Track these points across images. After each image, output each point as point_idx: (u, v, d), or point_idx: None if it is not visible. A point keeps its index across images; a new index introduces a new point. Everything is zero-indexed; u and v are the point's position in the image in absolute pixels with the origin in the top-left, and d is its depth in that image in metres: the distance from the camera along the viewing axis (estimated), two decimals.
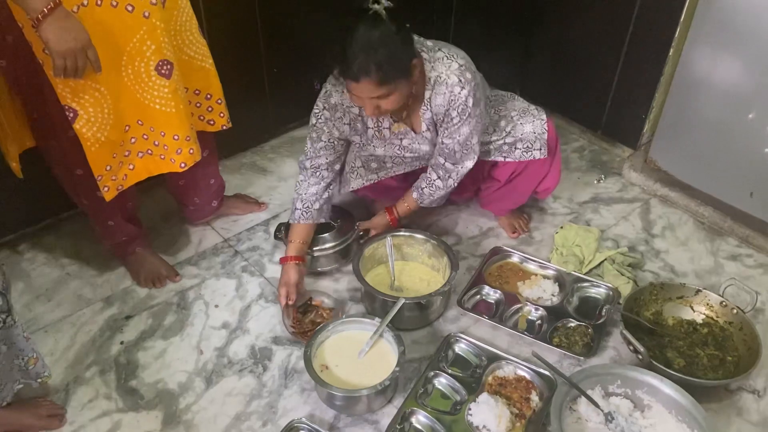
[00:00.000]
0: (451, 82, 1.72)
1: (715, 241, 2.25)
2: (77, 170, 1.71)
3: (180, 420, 1.64)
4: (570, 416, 1.55)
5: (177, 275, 2.03)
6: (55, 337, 1.84)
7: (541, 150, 1.97)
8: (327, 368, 1.69)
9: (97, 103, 1.53)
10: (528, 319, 1.93)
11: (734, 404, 1.72)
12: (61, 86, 1.47)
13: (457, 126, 1.80)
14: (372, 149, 1.94)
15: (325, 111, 1.83)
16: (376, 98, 1.62)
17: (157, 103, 1.62)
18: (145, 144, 1.70)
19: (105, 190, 1.67)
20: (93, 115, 1.54)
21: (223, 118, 1.88)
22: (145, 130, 1.67)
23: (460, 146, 1.85)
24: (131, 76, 1.57)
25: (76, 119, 1.52)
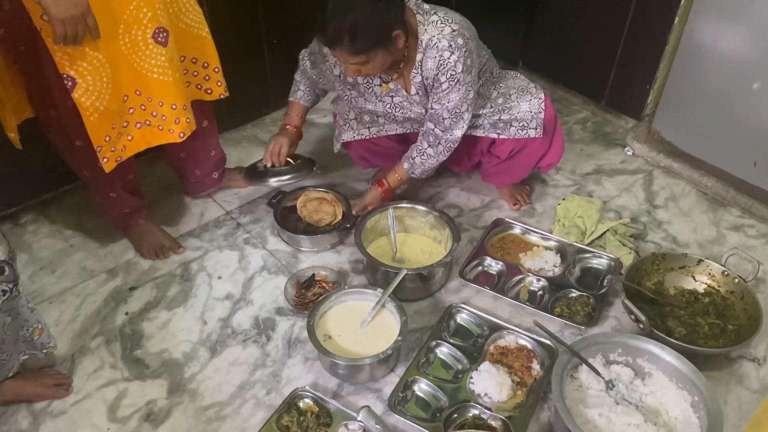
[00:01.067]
0: (441, 46, 1.72)
1: (717, 212, 2.25)
2: (77, 141, 1.70)
3: (185, 389, 1.66)
4: (571, 384, 1.56)
5: (180, 247, 2.04)
6: (60, 308, 1.85)
7: (536, 129, 1.95)
8: (330, 338, 1.70)
9: (95, 72, 1.52)
10: (530, 289, 1.94)
11: (734, 372, 1.73)
12: (59, 54, 1.46)
13: (446, 92, 1.79)
14: (363, 102, 1.95)
15: (310, 57, 1.98)
16: (355, 64, 1.67)
17: (155, 72, 1.60)
18: (143, 114, 1.69)
19: (104, 162, 1.67)
20: (92, 83, 1.53)
21: (220, 87, 1.86)
22: (143, 101, 1.66)
23: (449, 113, 1.84)
24: (128, 45, 1.56)
25: (74, 88, 1.51)
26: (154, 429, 1.57)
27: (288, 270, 1.99)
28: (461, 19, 1.78)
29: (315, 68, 2.00)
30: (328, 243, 2.07)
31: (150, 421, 1.59)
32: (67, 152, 1.79)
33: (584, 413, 1.48)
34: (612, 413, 1.47)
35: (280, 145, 2.05)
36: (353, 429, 1.53)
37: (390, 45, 1.68)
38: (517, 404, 1.61)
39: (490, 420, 1.57)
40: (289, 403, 1.59)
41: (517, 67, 2.93)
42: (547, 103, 1.97)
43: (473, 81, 1.82)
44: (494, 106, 1.96)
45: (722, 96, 2.17)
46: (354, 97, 1.96)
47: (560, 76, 2.80)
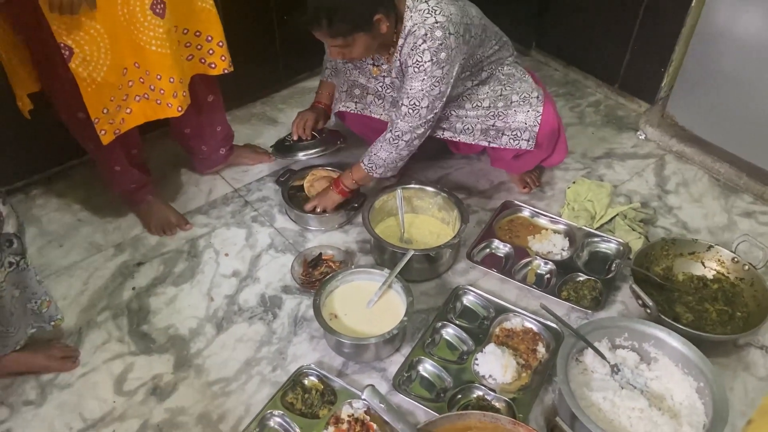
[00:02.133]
0: (418, 33, 1.70)
1: (729, 198, 2.22)
2: (79, 113, 1.70)
3: (191, 364, 1.67)
4: (576, 367, 1.55)
5: (187, 224, 2.04)
6: (68, 281, 1.86)
7: (528, 141, 1.92)
8: (336, 317, 1.71)
9: (93, 41, 1.52)
10: (537, 272, 1.93)
11: (742, 359, 1.72)
12: (56, 23, 1.46)
13: (409, 77, 1.76)
14: (357, 75, 1.97)
15: None
16: (336, 47, 1.69)
17: (153, 45, 1.60)
18: (142, 87, 1.68)
19: (102, 134, 1.66)
20: (89, 53, 1.52)
21: (224, 62, 1.84)
22: (141, 74, 1.65)
23: (408, 100, 1.78)
24: (127, 16, 1.55)
25: (71, 57, 1.51)
26: (160, 403, 1.58)
27: (295, 248, 1.99)
28: (455, 12, 1.71)
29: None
30: (335, 222, 2.07)
31: (156, 394, 1.60)
32: (71, 125, 1.79)
33: (588, 396, 1.48)
34: (616, 397, 1.47)
35: (306, 119, 2.09)
36: (357, 407, 1.53)
37: (371, 29, 1.66)
38: (521, 386, 1.61)
39: (494, 401, 1.58)
40: (294, 380, 1.60)
41: (530, 49, 2.89)
42: (549, 115, 1.91)
43: (442, 78, 1.74)
44: (493, 108, 1.92)
45: (739, 80, 2.14)
46: (350, 69, 1.97)
47: (574, 58, 2.76)
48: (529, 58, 2.89)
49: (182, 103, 1.72)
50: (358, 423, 1.49)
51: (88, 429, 1.53)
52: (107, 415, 1.56)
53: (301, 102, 2.61)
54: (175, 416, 1.56)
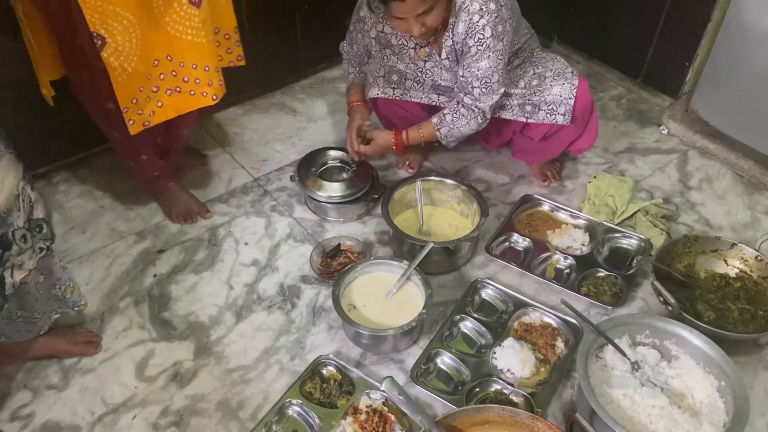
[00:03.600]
0: (472, 9, 1.69)
1: (753, 195, 2.19)
2: (108, 104, 1.70)
3: (211, 351, 1.69)
4: (596, 363, 1.55)
5: (208, 212, 2.05)
6: (90, 267, 1.89)
7: (564, 115, 1.90)
8: (354, 308, 1.71)
9: (125, 32, 1.52)
10: (556, 267, 1.92)
11: (763, 358, 1.70)
12: (89, 12, 1.46)
13: (474, 58, 1.76)
14: (395, 61, 1.94)
15: (357, 23, 1.93)
16: (422, 15, 1.63)
17: (189, 34, 1.60)
18: (175, 81, 1.68)
19: (130, 124, 1.67)
20: (121, 44, 1.53)
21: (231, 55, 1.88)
22: (174, 66, 1.66)
23: (479, 82, 1.80)
24: (161, 8, 1.55)
25: (104, 47, 1.51)
26: (181, 389, 1.60)
27: (314, 239, 2.00)
28: None
29: (354, 44, 2.01)
30: (354, 213, 2.07)
31: (176, 381, 1.62)
32: (98, 114, 1.80)
33: (608, 393, 1.47)
34: (636, 394, 1.46)
35: (352, 135, 2.03)
36: (375, 398, 1.54)
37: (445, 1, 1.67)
38: (539, 381, 1.61)
39: (512, 395, 1.58)
40: (312, 370, 1.61)
41: (552, 41, 2.86)
42: (584, 89, 1.90)
43: (504, 50, 1.77)
44: (528, 87, 1.92)
45: (765, 76, 2.10)
46: (387, 55, 1.94)
47: (596, 51, 2.72)
48: (550, 50, 2.86)
49: (218, 91, 1.73)
50: (376, 414, 1.50)
51: (109, 413, 1.55)
52: (129, 400, 1.58)
53: (321, 91, 2.61)
54: (195, 403, 1.57)
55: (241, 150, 2.33)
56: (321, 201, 2.03)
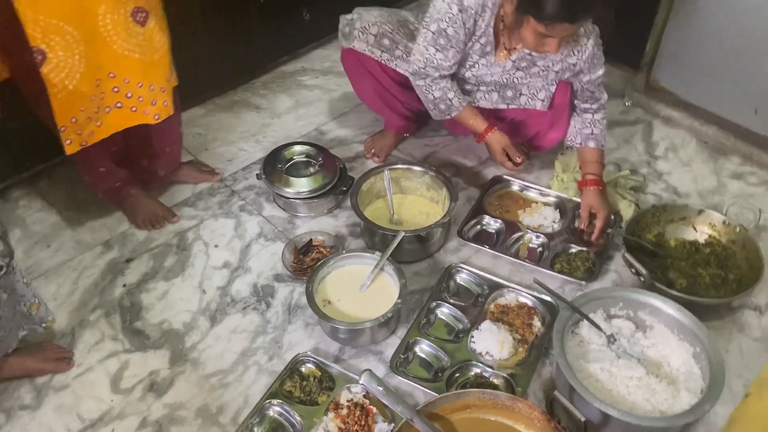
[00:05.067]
0: None
1: (718, 161, 2.22)
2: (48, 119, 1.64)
3: (187, 358, 1.66)
4: (572, 339, 1.55)
5: (174, 216, 2.01)
6: (57, 282, 1.84)
7: (543, 101, 1.91)
8: (329, 303, 1.70)
9: (67, 47, 1.47)
10: (529, 246, 1.93)
11: (736, 321, 1.73)
12: (31, 26, 1.41)
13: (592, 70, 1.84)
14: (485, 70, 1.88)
15: (461, 14, 1.70)
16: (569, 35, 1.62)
17: (136, 52, 1.57)
18: (116, 97, 1.64)
19: (67, 143, 1.60)
20: (63, 59, 1.47)
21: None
22: (117, 83, 1.61)
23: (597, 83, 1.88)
24: (109, 26, 1.51)
25: (44, 62, 1.46)
26: (158, 398, 1.57)
27: (285, 236, 1.97)
28: None
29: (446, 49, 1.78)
30: (324, 207, 2.05)
31: (153, 390, 1.59)
32: (53, 129, 1.75)
33: (586, 368, 1.48)
34: (614, 367, 1.47)
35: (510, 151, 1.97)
36: (356, 392, 1.53)
37: None
38: (518, 361, 1.61)
39: (492, 378, 1.58)
40: (291, 368, 1.59)
41: None
42: (564, 86, 1.91)
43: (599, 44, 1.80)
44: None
45: (723, 41, 2.12)
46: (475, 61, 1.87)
47: None
48: None
49: (161, 111, 1.70)
50: (357, 407, 1.49)
51: (87, 429, 1.52)
52: (105, 414, 1.55)
53: (283, 86, 2.57)
54: (174, 411, 1.55)
55: (205, 151, 2.29)
56: (289, 197, 2.00)
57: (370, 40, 1.94)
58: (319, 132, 2.35)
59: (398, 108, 2.09)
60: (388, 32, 1.92)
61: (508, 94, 1.94)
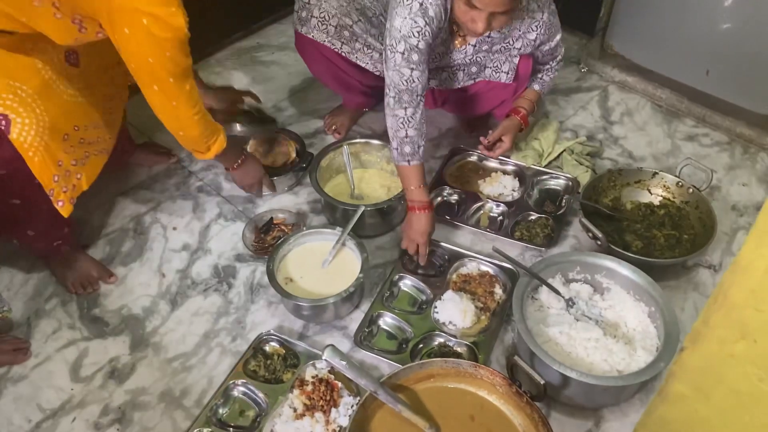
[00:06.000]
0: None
1: (672, 123, 2.25)
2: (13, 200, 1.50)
3: (148, 343, 1.64)
4: (532, 305, 1.58)
5: (111, 275, 1.78)
6: (10, 271, 1.79)
7: (508, 74, 1.90)
8: (291, 280, 1.69)
9: (25, 103, 1.36)
10: (489, 216, 1.94)
11: (691, 280, 1.77)
12: None
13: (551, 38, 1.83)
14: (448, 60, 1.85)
15: (427, 27, 1.59)
16: (498, 14, 1.53)
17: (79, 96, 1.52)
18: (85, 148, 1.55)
19: (59, 206, 1.47)
20: (26, 116, 1.36)
21: None
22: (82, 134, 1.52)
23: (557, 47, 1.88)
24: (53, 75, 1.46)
25: (10, 126, 1.34)
26: (120, 385, 1.56)
27: (245, 215, 1.95)
28: None
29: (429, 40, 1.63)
30: (284, 185, 2.03)
31: (114, 377, 1.57)
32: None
33: (545, 332, 1.51)
34: (572, 330, 1.50)
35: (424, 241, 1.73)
36: (321, 368, 1.53)
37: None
38: (481, 329, 1.63)
39: (455, 347, 1.60)
40: (254, 348, 1.59)
41: None
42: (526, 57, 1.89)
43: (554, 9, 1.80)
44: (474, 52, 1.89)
45: (675, 4, 2.13)
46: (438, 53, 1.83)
47: None
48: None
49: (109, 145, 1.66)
50: (322, 383, 1.50)
51: (47, 419, 1.50)
52: (66, 403, 1.52)
53: (239, 62, 2.52)
54: (137, 397, 1.53)
55: (160, 132, 2.22)
56: None
57: (330, 31, 1.86)
58: (277, 108, 2.32)
59: (356, 86, 2.05)
60: (348, 25, 1.85)
61: (472, 71, 1.92)
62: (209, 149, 1.65)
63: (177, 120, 1.52)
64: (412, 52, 1.60)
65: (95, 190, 1.99)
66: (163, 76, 1.40)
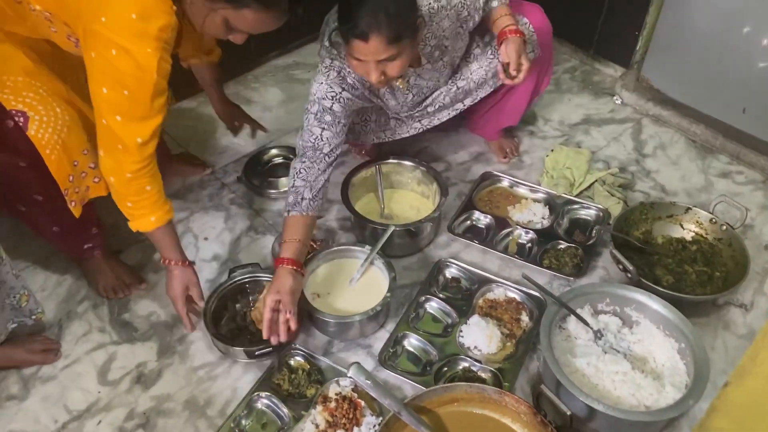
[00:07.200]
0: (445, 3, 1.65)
1: (706, 159, 2.24)
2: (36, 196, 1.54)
3: (175, 350, 1.66)
4: (559, 334, 1.57)
5: (142, 282, 1.81)
6: (45, 273, 1.83)
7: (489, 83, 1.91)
8: (319, 296, 1.70)
9: (44, 101, 1.40)
10: (518, 242, 1.94)
11: (721, 318, 1.75)
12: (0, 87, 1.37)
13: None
14: (385, 104, 1.86)
15: (344, 92, 1.65)
16: (384, 61, 1.50)
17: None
18: None
19: (72, 205, 1.50)
20: (45, 113, 1.40)
21: None
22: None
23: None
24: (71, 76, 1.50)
25: (28, 123, 1.37)
26: (146, 390, 1.57)
27: (275, 229, 1.97)
28: None
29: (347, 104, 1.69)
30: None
31: (141, 382, 1.59)
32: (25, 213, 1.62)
33: (572, 363, 1.49)
34: (600, 362, 1.48)
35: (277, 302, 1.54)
36: (344, 385, 1.54)
37: (416, 34, 1.54)
38: (506, 356, 1.62)
39: (480, 372, 1.59)
40: (280, 361, 1.59)
41: None
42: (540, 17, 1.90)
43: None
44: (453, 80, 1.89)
45: (712, 41, 2.13)
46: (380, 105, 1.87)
47: None
48: None
49: None
50: (345, 401, 1.50)
51: (73, 420, 1.52)
52: (92, 406, 1.54)
53: (275, 79, 2.57)
54: (161, 403, 1.55)
55: (196, 144, 2.28)
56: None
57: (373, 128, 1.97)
58: None
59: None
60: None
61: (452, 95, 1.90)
62: (131, 218, 1.51)
63: (115, 162, 1.41)
64: (324, 113, 1.65)
65: None
66: (112, 111, 1.33)
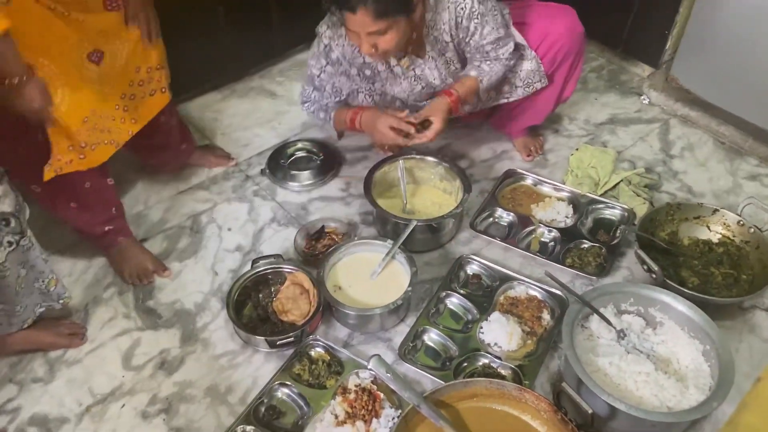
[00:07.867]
0: None
1: (734, 161, 2.20)
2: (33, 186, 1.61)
3: (198, 338, 1.68)
4: (581, 333, 1.55)
5: (165, 269, 1.84)
6: (72, 259, 1.87)
7: (541, 81, 1.93)
8: (340, 288, 1.71)
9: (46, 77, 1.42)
10: (541, 240, 1.93)
11: (747, 321, 1.72)
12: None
13: (478, 30, 1.74)
14: (389, 88, 1.89)
15: (328, 66, 1.81)
16: (374, 34, 1.55)
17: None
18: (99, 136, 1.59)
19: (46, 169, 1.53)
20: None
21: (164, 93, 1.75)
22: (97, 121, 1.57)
23: (491, 45, 1.79)
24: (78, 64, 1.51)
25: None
26: (168, 376, 1.59)
27: (298, 222, 1.99)
28: None
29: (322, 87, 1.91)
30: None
31: (164, 368, 1.61)
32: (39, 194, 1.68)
33: (595, 362, 1.48)
34: (622, 362, 1.47)
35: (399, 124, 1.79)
36: (364, 377, 1.54)
37: (411, 11, 1.59)
38: (527, 353, 1.61)
39: (499, 369, 1.58)
40: (300, 352, 1.61)
41: None
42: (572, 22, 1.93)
43: (494, 4, 1.74)
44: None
45: (743, 42, 2.10)
46: (378, 89, 1.90)
47: None
48: None
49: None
50: (365, 393, 1.50)
51: (98, 404, 1.55)
52: (116, 390, 1.57)
53: (300, 74, 2.58)
54: (184, 389, 1.57)
55: (221, 135, 2.30)
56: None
57: None
58: None
59: None
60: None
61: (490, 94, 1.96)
62: None
63: None
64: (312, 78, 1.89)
65: (156, 186, 2.09)
66: None
